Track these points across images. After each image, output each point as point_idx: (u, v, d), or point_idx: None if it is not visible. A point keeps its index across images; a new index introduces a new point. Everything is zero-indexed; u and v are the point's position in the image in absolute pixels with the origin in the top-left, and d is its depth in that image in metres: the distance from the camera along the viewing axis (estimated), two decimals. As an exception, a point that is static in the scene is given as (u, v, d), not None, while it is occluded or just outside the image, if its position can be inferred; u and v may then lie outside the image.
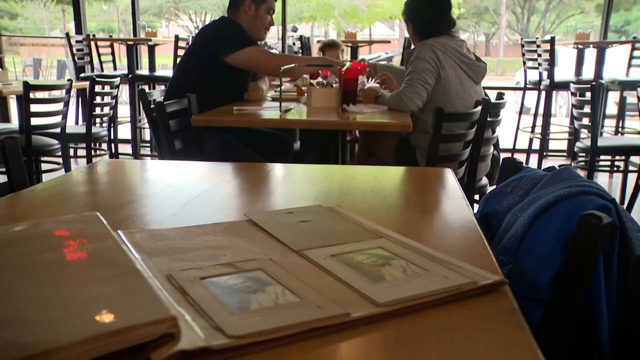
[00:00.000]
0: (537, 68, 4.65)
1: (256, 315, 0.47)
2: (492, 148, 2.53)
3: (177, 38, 4.71)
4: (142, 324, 0.40)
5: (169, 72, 4.60)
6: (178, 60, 3.95)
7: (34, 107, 3.01)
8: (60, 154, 3.32)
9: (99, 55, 5.03)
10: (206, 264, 0.59)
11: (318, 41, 5.21)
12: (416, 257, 0.62)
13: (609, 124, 4.89)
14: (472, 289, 0.53)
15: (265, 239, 0.68)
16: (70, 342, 0.38)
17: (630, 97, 4.30)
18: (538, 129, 4.74)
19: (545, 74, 4.57)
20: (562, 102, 8.66)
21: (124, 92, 7.13)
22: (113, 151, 4.32)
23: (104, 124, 4.25)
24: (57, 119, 3.20)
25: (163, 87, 4.14)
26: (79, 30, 5.18)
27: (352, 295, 0.52)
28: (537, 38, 4.64)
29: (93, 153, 4.29)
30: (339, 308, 0.49)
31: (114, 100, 3.76)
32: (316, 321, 0.46)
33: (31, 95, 2.98)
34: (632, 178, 3.46)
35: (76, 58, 4.82)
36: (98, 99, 3.52)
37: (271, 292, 0.52)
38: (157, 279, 0.53)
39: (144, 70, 4.92)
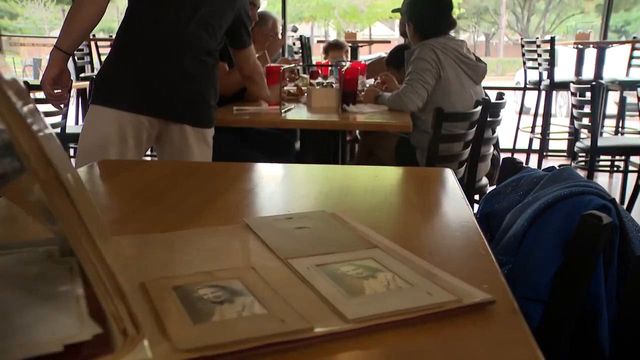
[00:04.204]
0: (537, 68, 4.66)
1: (212, 328, 0.45)
2: (492, 148, 2.53)
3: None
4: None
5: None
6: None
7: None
8: (60, 154, 3.31)
9: (99, 55, 5.03)
10: (185, 272, 0.57)
11: (318, 41, 5.20)
12: (405, 270, 0.58)
13: (609, 124, 4.89)
14: (455, 308, 0.50)
15: (256, 245, 0.67)
16: None
17: (630, 97, 4.31)
18: (538, 129, 4.74)
19: (545, 74, 4.57)
20: (562, 102, 8.66)
21: (124, 92, 7.12)
22: (113, 151, 4.31)
23: (104, 124, 4.24)
24: (57, 119, 3.20)
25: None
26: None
27: (324, 309, 0.50)
28: (537, 38, 4.64)
29: (93, 153, 4.28)
30: (303, 322, 0.46)
31: (114, 100, 3.75)
32: (274, 336, 0.44)
33: (31, 95, 2.98)
34: (632, 178, 3.46)
35: (76, 58, 4.82)
36: (98, 99, 3.51)
37: (239, 304, 0.50)
38: (131, 287, 0.51)
39: (144, 70, 4.91)
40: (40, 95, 3.69)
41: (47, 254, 0.58)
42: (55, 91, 1.70)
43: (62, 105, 1.91)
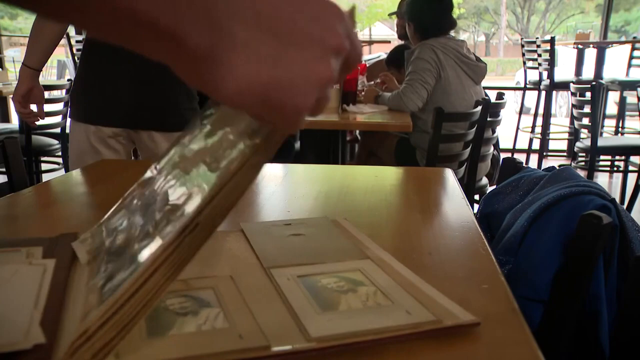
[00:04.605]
0: (537, 68, 4.66)
1: (164, 342, 0.44)
2: (492, 148, 2.53)
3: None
4: None
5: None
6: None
7: (34, 107, 3.01)
8: (60, 154, 3.32)
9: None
10: None
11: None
12: (390, 285, 0.55)
13: (609, 124, 4.90)
14: (434, 329, 0.47)
15: (244, 252, 0.65)
16: None
17: (630, 97, 4.31)
18: (538, 129, 4.75)
19: (545, 74, 4.57)
20: (562, 102, 8.66)
21: (124, 92, 7.11)
22: (113, 151, 4.31)
23: (104, 124, 4.24)
24: (57, 119, 3.20)
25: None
26: (78, 31, 5.18)
27: (291, 325, 0.47)
28: (537, 38, 4.64)
29: (93, 153, 4.29)
30: (261, 339, 0.44)
31: (114, 100, 3.75)
32: (228, 353, 0.42)
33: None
34: (632, 178, 3.46)
35: (76, 58, 4.83)
36: (98, 99, 3.52)
37: (202, 316, 0.47)
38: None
39: (144, 70, 4.91)
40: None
41: (27, 254, 0.58)
42: (32, 106, 1.71)
43: (36, 122, 1.92)
